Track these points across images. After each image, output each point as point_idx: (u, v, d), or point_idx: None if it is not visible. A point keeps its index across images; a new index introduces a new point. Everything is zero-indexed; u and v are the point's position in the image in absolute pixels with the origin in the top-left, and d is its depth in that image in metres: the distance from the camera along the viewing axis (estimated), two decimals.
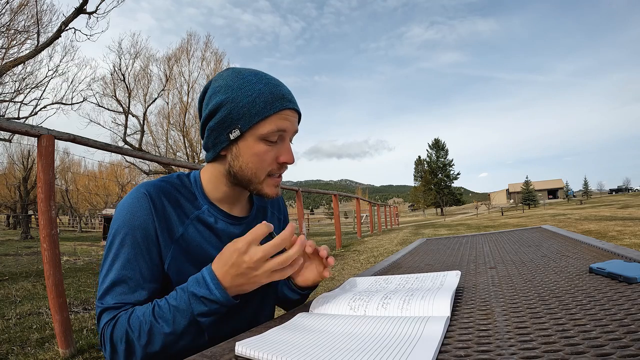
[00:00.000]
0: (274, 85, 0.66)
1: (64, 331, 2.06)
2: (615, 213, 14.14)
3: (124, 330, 0.58)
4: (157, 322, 0.57)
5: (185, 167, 4.56)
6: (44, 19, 9.83)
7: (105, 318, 0.61)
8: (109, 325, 0.60)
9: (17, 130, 2.12)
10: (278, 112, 0.65)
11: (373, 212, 15.83)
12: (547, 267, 0.81)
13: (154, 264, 0.65)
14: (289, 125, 0.67)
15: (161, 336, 0.57)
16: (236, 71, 0.68)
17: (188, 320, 0.57)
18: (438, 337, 0.43)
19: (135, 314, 0.59)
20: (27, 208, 18.98)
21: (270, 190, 0.71)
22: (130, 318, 0.58)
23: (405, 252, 1.43)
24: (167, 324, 0.56)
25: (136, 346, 0.57)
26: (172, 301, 0.58)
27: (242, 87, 0.64)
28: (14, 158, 22.10)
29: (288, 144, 0.70)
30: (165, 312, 0.57)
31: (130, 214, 0.64)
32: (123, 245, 0.63)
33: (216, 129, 0.66)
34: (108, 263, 0.63)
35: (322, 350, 0.42)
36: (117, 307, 0.61)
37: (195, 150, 16.32)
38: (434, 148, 74.74)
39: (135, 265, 0.63)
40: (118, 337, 0.58)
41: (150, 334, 0.57)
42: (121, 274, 0.62)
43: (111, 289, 0.62)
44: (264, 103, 0.64)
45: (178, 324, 0.57)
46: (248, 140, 0.66)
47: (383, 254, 6.05)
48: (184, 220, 0.69)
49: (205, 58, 16.94)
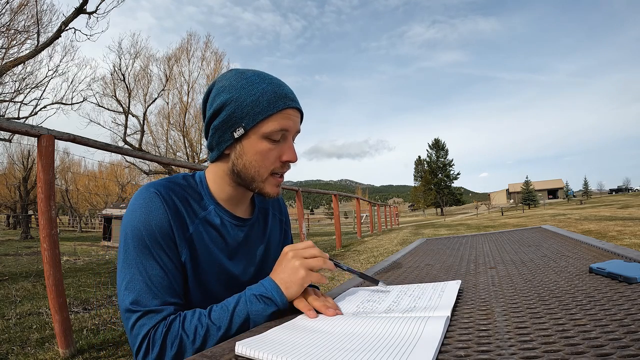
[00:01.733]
0: (276, 85, 0.67)
1: (64, 331, 2.06)
2: (615, 213, 14.14)
3: (177, 336, 0.58)
4: (214, 324, 0.59)
5: (185, 167, 4.56)
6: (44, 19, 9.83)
7: (148, 322, 0.60)
8: (157, 328, 0.59)
9: (17, 130, 2.12)
10: (281, 110, 0.66)
11: (373, 212, 15.83)
12: (547, 267, 0.81)
13: (177, 260, 0.66)
14: (292, 124, 0.68)
15: (216, 336, 0.59)
16: (240, 72, 0.69)
17: (243, 319, 0.60)
18: (438, 337, 0.43)
19: (188, 320, 0.60)
20: (27, 208, 18.98)
21: (272, 189, 0.71)
22: (184, 323, 0.59)
23: (405, 252, 1.43)
24: (223, 326, 0.59)
25: (188, 349, 0.58)
26: (230, 304, 0.61)
27: (246, 86, 0.66)
28: (14, 158, 22.10)
29: (291, 142, 0.70)
30: (223, 314, 0.60)
31: (146, 213, 0.63)
32: (144, 244, 0.63)
33: (220, 128, 0.67)
34: (132, 264, 0.62)
35: (322, 350, 0.42)
36: (159, 310, 0.61)
37: (195, 150, 16.31)
38: (434, 148, 74.74)
39: (162, 263, 0.63)
40: (170, 342, 0.58)
41: (206, 336, 0.59)
42: (151, 274, 0.62)
43: (145, 290, 0.61)
44: (267, 102, 0.65)
45: (234, 323, 0.60)
46: (252, 138, 0.67)
47: (383, 254, 6.05)
48: (194, 220, 0.69)
49: (205, 58, 16.95)
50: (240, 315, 0.60)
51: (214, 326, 0.59)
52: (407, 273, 0.98)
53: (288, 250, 0.66)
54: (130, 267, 0.62)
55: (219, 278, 0.71)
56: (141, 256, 0.62)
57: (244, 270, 0.75)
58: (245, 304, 0.61)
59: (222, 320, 0.59)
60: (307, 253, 0.64)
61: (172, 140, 16.71)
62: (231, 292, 0.67)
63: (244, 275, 0.75)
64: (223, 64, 17.34)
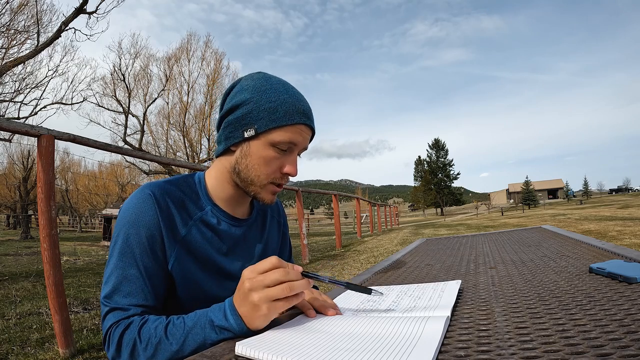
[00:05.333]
0: (297, 100, 0.68)
1: (64, 331, 2.06)
2: (615, 213, 14.14)
3: (132, 338, 0.58)
4: (167, 338, 0.57)
5: (185, 167, 4.57)
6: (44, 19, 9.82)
7: (112, 318, 0.61)
8: (117, 326, 0.60)
9: (17, 130, 2.12)
10: (295, 124, 0.67)
11: (373, 212, 15.83)
12: (547, 267, 0.81)
13: (159, 263, 0.66)
14: (301, 140, 0.69)
15: (167, 353, 0.57)
16: (267, 76, 0.70)
17: (198, 344, 0.56)
18: (438, 337, 0.43)
19: (147, 325, 0.59)
20: (27, 208, 18.98)
21: (268, 196, 0.72)
22: (142, 328, 0.59)
23: (405, 252, 1.43)
24: (176, 343, 0.56)
25: (140, 355, 0.58)
26: (189, 322, 0.57)
27: (269, 91, 0.67)
28: (14, 158, 22.10)
29: (295, 156, 0.71)
30: (178, 331, 0.57)
31: (136, 214, 0.65)
32: (129, 244, 0.64)
33: (233, 124, 0.68)
34: (114, 261, 0.64)
35: (322, 350, 0.42)
36: (126, 309, 0.62)
37: (195, 150, 16.31)
38: (434, 148, 74.75)
39: (141, 264, 0.64)
40: (125, 342, 0.58)
41: (157, 348, 0.57)
42: (128, 273, 0.63)
43: (118, 288, 0.62)
44: (284, 112, 0.66)
45: (188, 345, 0.56)
46: (260, 142, 0.67)
47: (383, 254, 6.05)
48: (187, 222, 0.70)
49: (205, 58, 16.94)
50: (196, 339, 0.56)
51: (166, 341, 0.56)
52: (407, 273, 0.98)
53: (245, 277, 0.56)
54: (113, 263, 0.64)
55: (214, 278, 0.71)
56: (123, 254, 0.64)
57: (240, 271, 0.75)
58: (202, 329, 0.56)
59: (175, 337, 0.57)
60: (268, 280, 0.54)
61: (172, 140, 16.71)
62: (227, 292, 0.68)
63: (239, 276, 0.75)
64: (223, 64, 17.36)
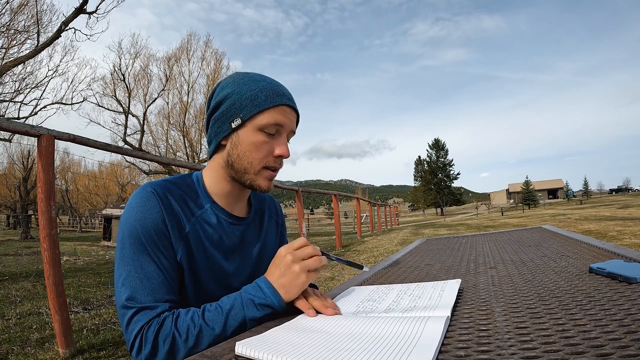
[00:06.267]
0: (275, 85, 0.73)
1: (64, 331, 2.06)
2: (615, 213, 14.14)
3: (170, 333, 0.58)
4: (207, 325, 0.59)
5: (185, 167, 4.56)
6: (44, 19, 9.83)
7: (143, 318, 0.60)
8: (149, 326, 0.59)
9: (17, 130, 2.12)
10: (277, 106, 0.70)
11: (373, 212, 15.83)
12: (547, 267, 0.81)
13: (172, 258, 0.67)
14: (286, 120, 0.72)
15: (209, 338, 0.59)
16: (244, 72, 0.75)
17: (239, 322, 0.60)
18: (438, 337, 0.43)
19: (181, 318, 0.60)
20: (27, 208, 18.98)
21: (264, 182, 0.73)
22: (177, 321, 0.60)
23: (405, 252, 1.43)
24: (218, 327, 0.59)
25: (180, 348, 0.58)
26: (226, 305, 0.62)
27: (248, 82, 0.71)
28: (14, 158, 22.11)
29: (284, 138, 0.73)
30: (217, 315, 0.60)
31: (141, 212, 0.65)
32: (140, 242, 0.64)
33: (220, 119, 0.71)
34: (128, 262, 0.63)
35: (322, 350, 0.42)
36: (154, 307, 0.61)
37: (195, 150, 16.31)
38: (434, 148, 74.74)
39: (157, 260, 0.64)
40: (162, 340, 0.58)
41: (198, 336, 0.59)
42: (146, 270, 0.63)
43: (140, 287, 0.62)
44: (265, 97, 0.70)
45: (229, 326, 0.60)
46: (247, 129, 0.70)
47: (383, 254, 6.05)
48: (190, 219, 0.70)
49: (205, 58, 16.94)
50: (236, 318, 0.60)
51: (207, 327, 0.59)
52: (407, 273, 0.98)
53: (285, 252, 0.64)
54: (127, 264, 0.63)
55: (214, 276, 0.72)
56: (137, 253, 0.63)
57: (238, 269, 0.76)
58: (241, 308, 0.61)
59: (215, 322, 0.59)
60: (304, 253, 0.64)
61: (172, 140, 16.71)
62: (225, 291, 0.68)
63: (238, 274, 0.76)
64: (223, 64, 17.37)
